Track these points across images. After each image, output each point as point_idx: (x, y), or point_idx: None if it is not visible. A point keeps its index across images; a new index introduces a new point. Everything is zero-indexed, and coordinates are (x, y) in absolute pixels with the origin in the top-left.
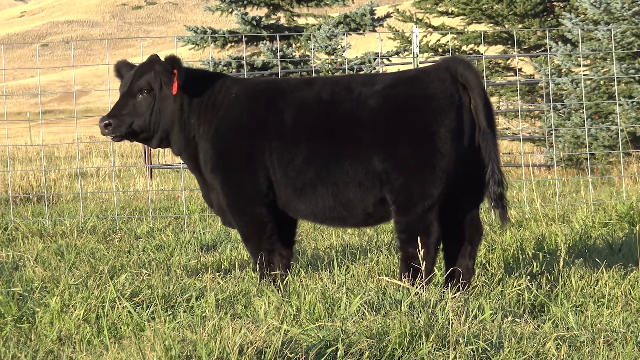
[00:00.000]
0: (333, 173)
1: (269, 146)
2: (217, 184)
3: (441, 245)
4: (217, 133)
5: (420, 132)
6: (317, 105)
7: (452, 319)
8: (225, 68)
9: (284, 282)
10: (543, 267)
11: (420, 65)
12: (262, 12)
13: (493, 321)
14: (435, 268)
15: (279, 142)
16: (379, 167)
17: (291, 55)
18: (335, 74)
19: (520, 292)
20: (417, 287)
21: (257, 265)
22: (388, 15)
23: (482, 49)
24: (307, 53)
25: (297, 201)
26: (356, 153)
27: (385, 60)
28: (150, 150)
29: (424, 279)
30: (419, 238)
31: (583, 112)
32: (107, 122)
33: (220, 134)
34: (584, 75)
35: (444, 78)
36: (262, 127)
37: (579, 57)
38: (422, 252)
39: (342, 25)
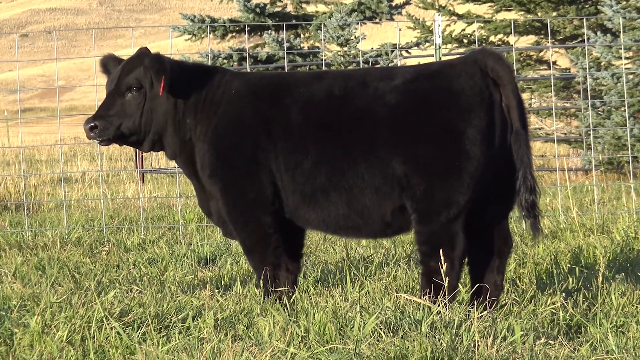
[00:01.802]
0: (347, 177)
1: (274, 148)
2: (217, 190)
3: (466, 259)
4: (216, 133)
5: (445, 132)
6: (328, 101)
7: (478, 341)
8: (225, 61)
9: (291, 300)
10: (580, 283)
11: (444, 58)
12: None
13: (524, 343)
14: (459, 284)
15: (285, 144)
16: (399, 171)
17: (299, 47)
18: (349, 67)
19: (554, 310)
20: (439, 305)
21: (261, 281)
22: (407, 2)
23: (512, 39)
24: (317, 44)
25: (307, 209)
26: (373, 155)
27: (404, 52)
28: (142, 153)
29: (447, 296)
30: (442, 250)
31: (625, 110)
32: (92, 124)
33: (219, 134)
34: (625, 69)
35: (472, 72)
36: (266, 127)
37: (620, 48)
38: (445, 266)
39: (356, 13)
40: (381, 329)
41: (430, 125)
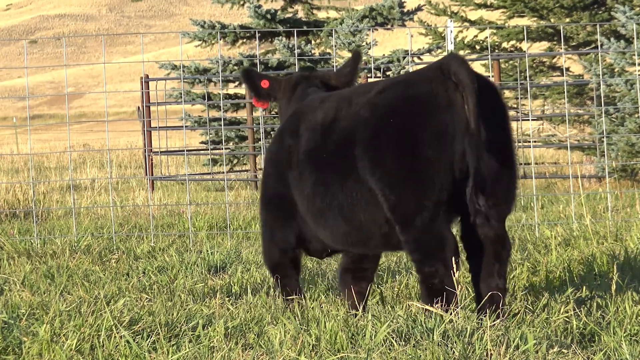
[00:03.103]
0: (337, 197)
1: (290, 176)
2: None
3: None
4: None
5: (403, 140)
6: (321, 125)
7: (490, 350)
8: (235, 67)
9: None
10: (593, 292)
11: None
12: (277, 4)
13: (537, 352)
14: (468, 290)
15: (294, 172)
16: (373, 183)
17: (310, 53)
18: (360, 74)
19: (567, 319)
20: (451, 314)
21: (277, 291)
22: (419, 8)
23: (524, 45)
24: (328, 50)
25: (320, 230)
26: (355, 172)
27: (416, 59)
28: (152, 160)
29: (446, 298)
30: (432, 254)
31: (638, 117)
32: None
33: (264, 167)
34: (639, 75)
35: (432, 77)
36: (286, 156)
37: (634, 54)
38: (438, 269)
39: (368, 19)
40: (393, 338)
41: (391, 135)
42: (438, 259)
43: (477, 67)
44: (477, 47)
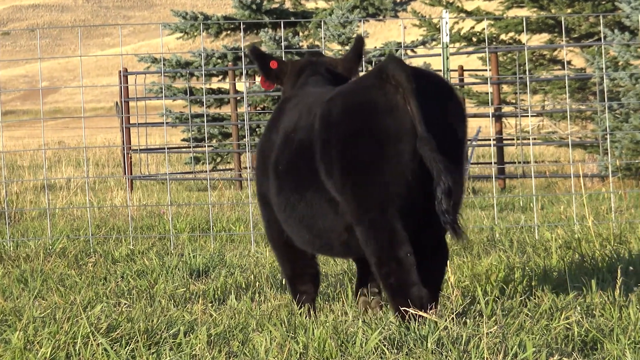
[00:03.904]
0: (298, 205)
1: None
2: None
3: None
4: None
5: (345, 150)
6: (286, 131)
7: (487, 358)
8: (219, 61)
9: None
10: (596, 297)
11: (452, 57)
12: None
13: None
14: (464, 293)
15: (270, 177)
16: (332, 191)
17: (298, 46)
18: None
19: (568, 326)
20: (446, 320)
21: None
22: None
23: (524, 37)
24: (316, 43)
25: (291, 235)
26: (315, 182)
27: (409, 52)
28: (131, 158)
29: (413, 297)
30: (383, 253)
31: None
32: None
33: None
34: None
35: (370, 84)
36: (270, 151)
37: (639, 47)
38: (392, 266)
39: (358, 9)
40: (385, 345)
41: (334, 144)
42: (390, 257)
43: (474, 60)
44: (474, 39)
